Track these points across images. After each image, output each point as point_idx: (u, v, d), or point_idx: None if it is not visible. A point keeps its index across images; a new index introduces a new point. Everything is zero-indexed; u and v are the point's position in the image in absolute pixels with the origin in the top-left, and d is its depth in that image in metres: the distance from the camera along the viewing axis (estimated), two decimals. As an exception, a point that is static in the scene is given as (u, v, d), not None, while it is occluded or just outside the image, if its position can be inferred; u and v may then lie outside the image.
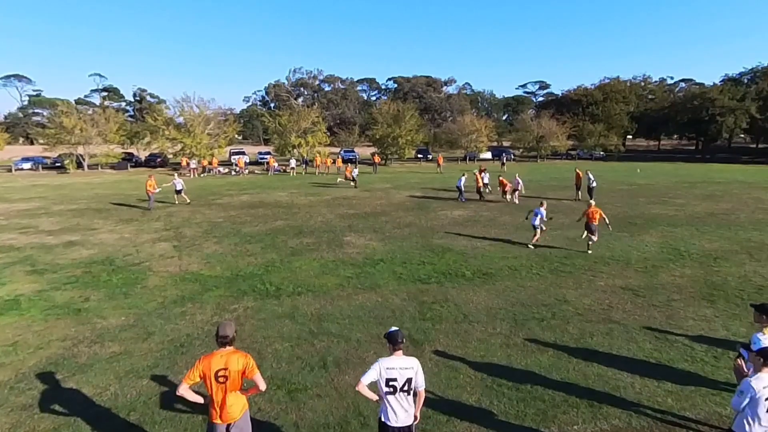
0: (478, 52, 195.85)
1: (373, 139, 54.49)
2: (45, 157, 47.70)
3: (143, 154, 53.46)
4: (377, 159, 46.89)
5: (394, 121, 51.57)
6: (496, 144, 77.84)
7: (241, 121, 76.24)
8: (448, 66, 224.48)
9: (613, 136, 68.57)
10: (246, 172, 42.30)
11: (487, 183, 25.02)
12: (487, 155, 60.84)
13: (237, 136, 56.95)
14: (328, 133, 53.77)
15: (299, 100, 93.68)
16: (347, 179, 31.21)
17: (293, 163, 42.88)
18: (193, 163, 41.46)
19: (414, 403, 4.23)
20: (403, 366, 4.12)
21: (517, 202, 22.10)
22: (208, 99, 48.66)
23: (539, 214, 13.94)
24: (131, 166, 48.82)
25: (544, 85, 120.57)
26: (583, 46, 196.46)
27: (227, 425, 4.20)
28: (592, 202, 14.46)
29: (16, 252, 13.83)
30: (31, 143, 79.11)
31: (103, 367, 6.95)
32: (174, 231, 16.73)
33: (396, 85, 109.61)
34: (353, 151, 58.43)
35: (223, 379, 4.10)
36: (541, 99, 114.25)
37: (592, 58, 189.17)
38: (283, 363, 7.05)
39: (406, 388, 4.10)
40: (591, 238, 13.43)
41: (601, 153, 65.75)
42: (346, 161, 49.43)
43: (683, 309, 9.09)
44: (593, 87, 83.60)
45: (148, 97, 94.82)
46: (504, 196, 22.94)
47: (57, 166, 46.19)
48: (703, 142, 74.29)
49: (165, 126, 44.07)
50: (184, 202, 22.88)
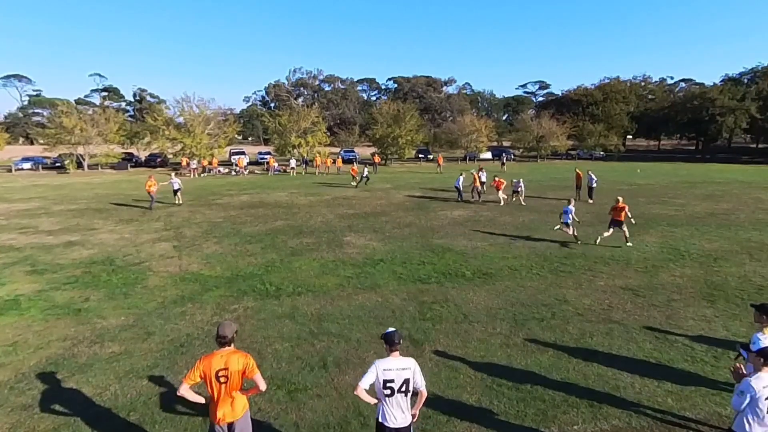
0: (478, 52, 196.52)
1: (373, 139, 54.53)
2: (45, 157, 47.71)
3: (143, 154, 53.49)
4: (377, 159, 46.93)
5: (394, 121, 51.59)
6: (496, 144, 77.91)
7: (241, 121, 76.22)
8: (448, 66, 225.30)
9: (613, 136, 68.59)
10: (246, 172, 42.32)
11: (484, 182, 25.01)
12: (487, 155, 60.83)
13: (237, 136, 56.98)
14: (328, 133, 53.80)
15: (299, 100, 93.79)
16: (360, 179, 31.14)
17: (293, 163, 42.90)
18: (193, 163, 41.50)
19: (412, 404, 4.22)
20: (401, 367, 4.10)
21: (523, 203, 22.07)
22: (208, 99, 48.78)
23: (569, 211, 14.57)
24: (131, 166, 48.84)
25: (544, 85, 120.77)
26: (583, 46, 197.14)
27: (228, 425, 4.20)
28: (620, 198, 14.65)
29: (16, 252, 13.84)
30: (31, 143, 79.18)
31: (103, 367, 6.95)
32: (174, 231, 16.73)
33: (396, 85, 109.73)
34: (353, 151, 58.46)
35: (224, 379, 4.10)
36: (541, 99, 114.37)
37: (592, 58, 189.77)
38: (283, 363, 7.05)
39: (404, 389, 4.09)
40: (607, 234, 14.04)
41: (601, 153, 65.77)
42: (346, 161, 49.47)
43: (683, 309, 9.09)
44: (593, 87, 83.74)
45: (148, 97, 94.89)
46: (497, 195, 22.79)
47: (57, 166, 46.23)
48: (703, 142, 74.38)
49: (165, 126, 44.08)
50: (177, 202, 22.70)
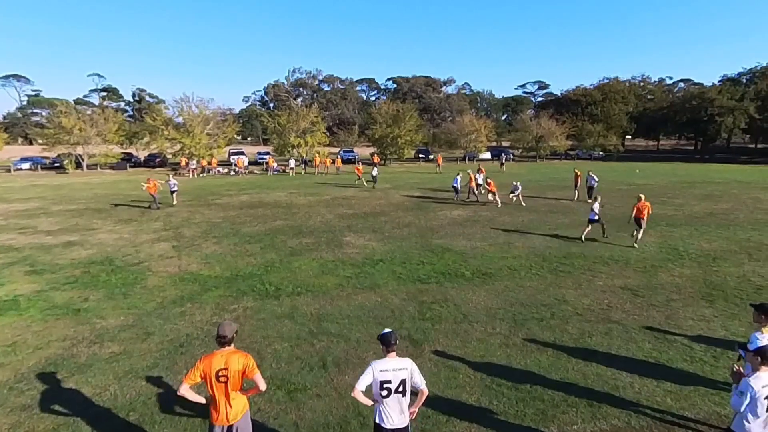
0: (478, 52, 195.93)
1: (373, 139, 54.50)
2: (44, 157, 47.69)
3: (142, 155, 53.49)
4: (376, 159, 46.91)
5: (394, 122, 51.59)
6: (495, 144, 77.96)
7: (240, 121, 76.27)
8: (447, 66, 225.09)
9: (612, 136, 68.63)
10: (245, 172, 42.29)
11: (481, 183, 25.02)
12: (487, 155, 60.83)
13: (236, 137, 56.88)
14: (328, 133, 53.78)
15: (298, 100, 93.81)
16: (370, 179, 31.00)
17: (292, 163, 42.84)
18: (192, 163, 41.48)
19: (409, 404, 4.20)
20: (397, 367, 4.09)
21: (523, 203, 22.02)
22: (208, 99, 48.78)
23: (594, 209, 15.07)
24: (130, 167, 48.78)
25: (543, 85, 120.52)
26: (582, 47, 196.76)
27: (228, 426, 4.20)
28: (642, 196, 14.70)
29: (15, 252, 13.82)
30: (30, 143, 79.07)
31: (103, 368, 6.95)
32: (173, 231, 16.73)
33: (395, 85, 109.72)
34: (353, 151, 58.49)
35: (224, 379, 4.10)
36: (540, 99, 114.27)
37: (591, 59, 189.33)
38: (282, 363, 7.05)
39: (401, 389, 4.08)
40: (638, 232, 14.22)
41: (600, 153, 65.75)
42: (345, 161, 49.48)
43: (682, 309, 9.10)
44: (592, 87, 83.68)
45: (147, 97, 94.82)
46: (487, 195, 22.66)
47: (56, 167, 46.17)
48: (702, 142, 74.49)
49: (164, 126, 44.08)
50: (170, 203, 22.51)
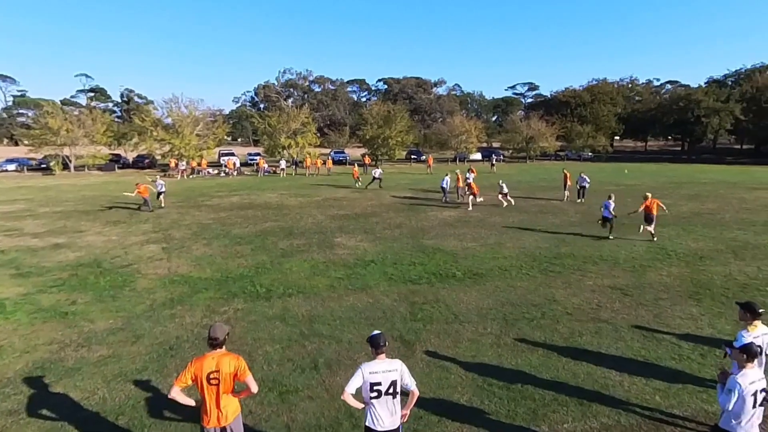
0: (468, 54, 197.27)
1: (364, 140, 54.46)
2: (30, 159, 46.99)
3: (131, 156, 52.91)
4: (368, 160, 46.91)
5: (385, 122, 51.61)
6: (485, 145, 78.25)
7: (231, 122, 75.85)
8: (438, 67, 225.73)
9: (601, 137, 69.31)
10: (235, 173, 42.05)
11: (470, 183, 25.10)
12: (477, 156, 61.12)
13: (226, 138, 56.50)
14: (319, 134, 53.66)
15: (289, 101, 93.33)
16: (371, 180, 30.84)
17: (283, 164, 42.70)
18: (181, 164, 41.13)
19: (401, 406, 4.20)
20: (387, 369, 4.09)
21: (512, 202, 22.05)
22: (197, 100, 48.40)
23: (609, 206, 15.24)
24: (119, 168, 48.20)
25: (533, 87, 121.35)
26: (571, 48, 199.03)
27: (219, 429, 4.16)
28: (649, 194, 15.07)
29: (1, 255, 13.61)
30: (16, 144, 77.86)
31: (91, 371, 6.87)
32: (163, 233, 16.58)
33: (386, 86, 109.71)
34: (344, 152, 58.42)
35: (215, 381, 4.07)
36: (530, 100, 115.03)
37: (581, 60, 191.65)
38: (274, 365, 7.02)
39: (391, 391, 4.07)
40: (650, 229, 14.62)
41: (590, 154, 66.43)
42: (336, 162, 49.40)
43: (670, 308, 9.22)
44: (581, 89, 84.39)
45: (136, 98, 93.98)
46: (468, 197, 22.41)
47: (42, 168, 45.50)
48: (689, 142, 75.54)
49: (153, 127, 43.71)
50: (159, 205, 22.06)
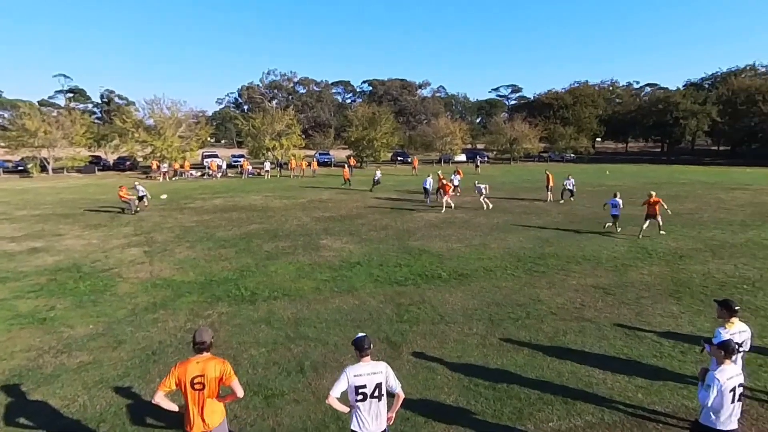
0: (452, 56, 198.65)
1: (349, 141, 54.43)
2: (6, 161, 45.89)
3: (111, 158, 51.96)
4: (353, 161, 46.84)
5: (370, 124, 51.67)
6: (470, 146, 78.89)
7: (214, 123, 75.11)
8: (422, 69, 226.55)
9: (583, 138, 70.52)
10: (219, 175, 41.58)
11: (457, 185, 25.35)
12: (462, 157, 61.59)
13: (210, 139, 55.81)
14: (303, 136, 53.45)
15: (273, 102, 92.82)
16: (373, 183, 30.64)
17: (268, 166, 42.38)
18: (164, 166, 40.45)
19: (386, 409, 4.18)
20: (371, 371, 4.07)
21: (490, 205, 22.06)
22: (180, 101, 47.52)
23: (616, 204, 15.65)
24: (99, 170, 47.24)
25: (516, 89, 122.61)
26: (554, 51, 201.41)
27: (204, 434, 4.10)
28: (653, 193, 15.65)
29: (-24, 260, 13.23)
30: (-9, 146, 75.84)
31: (71, 378, 6.71)
32: (144, 236, 16.30)
33: (371, 88, 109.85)
34: (329, 154, 58.28)
35: (200, 386, 4.01)
36: (513, 102, 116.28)
37: (563, 62, 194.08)
38: (259, 369, 6.96)
39: (377, 393, 4.05)
40: (644, 225, 15.20)
41: (572, 155, 67.44)
42: (321, 164, 49.25)
43: (651, 306, 9.39)
44: (563, 91, 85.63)
45: (117, 99, 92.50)
46: (441, 198, 22.30)
47: (20, 170, 44.28)
48: (668, 144, 77.15)
49: (134, 128, 42.92)
50: (143, 207, 21.97)
